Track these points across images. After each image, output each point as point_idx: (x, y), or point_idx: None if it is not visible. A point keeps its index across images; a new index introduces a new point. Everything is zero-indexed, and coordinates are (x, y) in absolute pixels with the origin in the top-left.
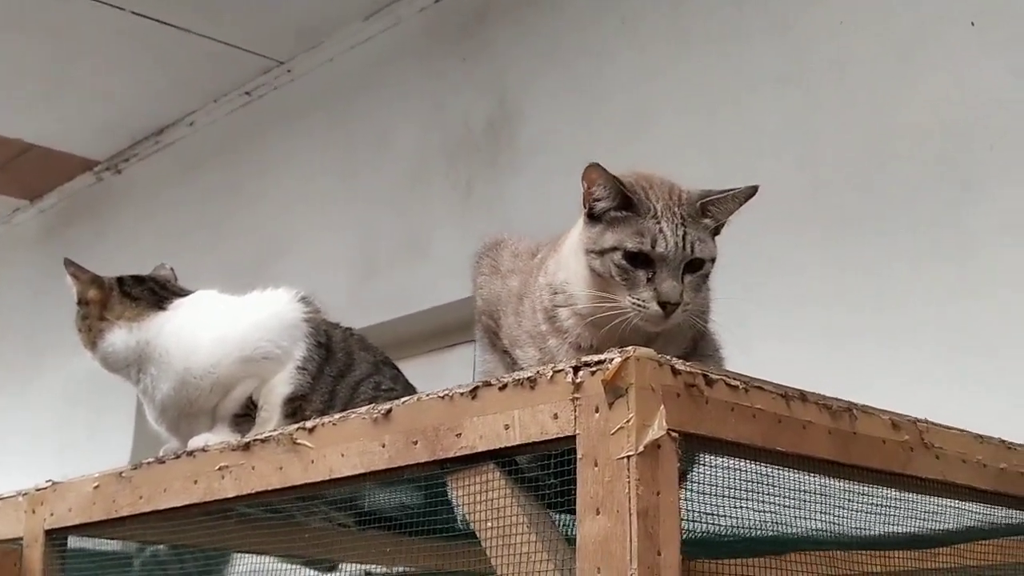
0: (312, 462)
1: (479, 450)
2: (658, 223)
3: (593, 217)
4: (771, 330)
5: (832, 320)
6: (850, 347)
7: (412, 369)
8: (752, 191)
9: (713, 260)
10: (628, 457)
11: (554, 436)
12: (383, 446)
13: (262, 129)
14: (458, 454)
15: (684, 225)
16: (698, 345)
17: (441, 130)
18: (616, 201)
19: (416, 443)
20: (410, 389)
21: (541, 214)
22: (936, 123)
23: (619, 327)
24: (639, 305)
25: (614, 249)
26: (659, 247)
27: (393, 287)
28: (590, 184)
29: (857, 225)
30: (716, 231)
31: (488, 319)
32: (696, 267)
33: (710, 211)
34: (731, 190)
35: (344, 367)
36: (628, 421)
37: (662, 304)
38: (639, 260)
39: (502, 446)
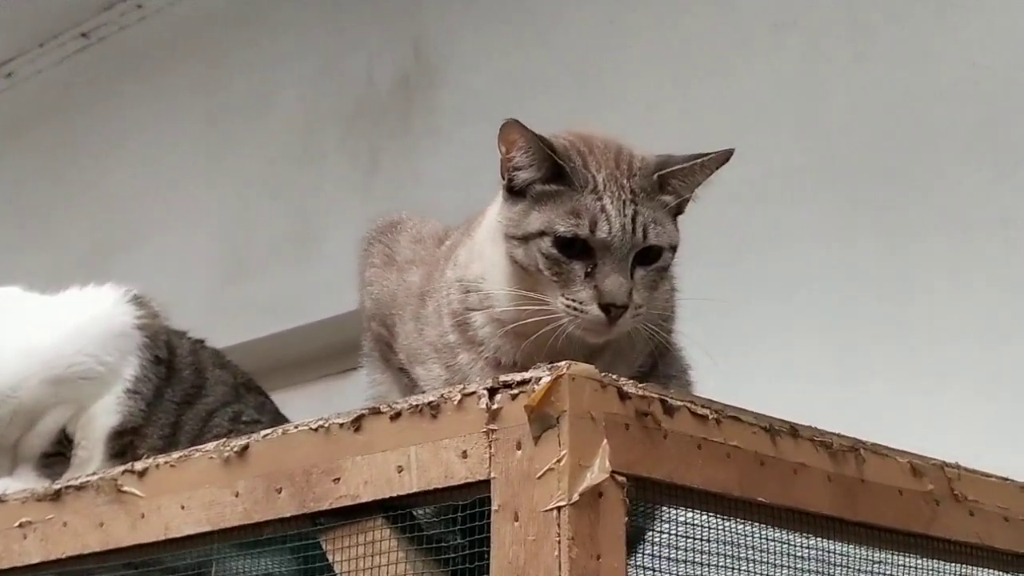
0: (143, 516)
1: (364, 500)
2: (599, 199)
3: (514, 192)
4: (759, 346)
5: (839, 336)
6: (861, 371)
7: (298, 401)
8: (725, 156)
9: (674, 249)
10: (559, 508)
11: (462, 481)
12: (237, 495)
13: (103, 84)
14: (336, 505)
15: (635, 202)
16: (658, 363)
17: (338, 88)
18: (543, 171)
19: (280, 491)
20: (282, 423)
21: (466, 195)
22: (974, 81)
23: (550, 337)
24: (575, 308)
25: (541, 234)
26: (600, 231)
27: (272, 292)
28: (508, 147)
29: (873, 215)
30: (678, 210)
31: (379, 326)
32: (651, 258)
33: (671, 184)
34: (698, 156)
35: (192, 391)
36: (559, 460)
37: (605, 306)
38: (574, 249)
39: (394, 494)
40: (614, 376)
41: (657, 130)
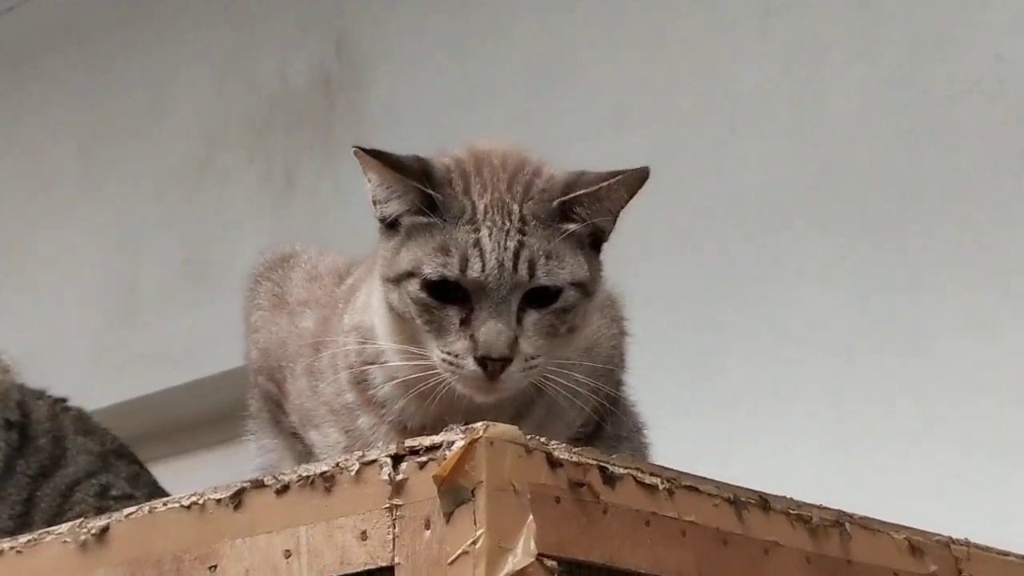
0: None
1: None
2: (475, 231)
3: (391, 226)
4: (741, 406)
5: (837, 394)
6: (864, 436)
7: (199, 470)
8: (640, 176)
9: (581, 286)
10: None
11: (361, 568)
12: None
13: None
14: None
15: (522, 232)
16: (606, 421)
17: (244, 92)
18: (409, 201)
19: None
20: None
21: None
22: (999, 79)
23: (449, 400)
24: (450, 363)
25: (409, 275)
26: (472, 270)
27: (164, 339)
28: (368, 178)
29: (881, 242)
30: (594, 239)
31: (267, 381)
32: (545, 299)
33: (575, 211)
34: (609, 176)
35: (50, 461)
36: (475, 542)
37: (482, 360)
38: (447, 291)
39: None
40: (542, 439)
41: (626, 137)
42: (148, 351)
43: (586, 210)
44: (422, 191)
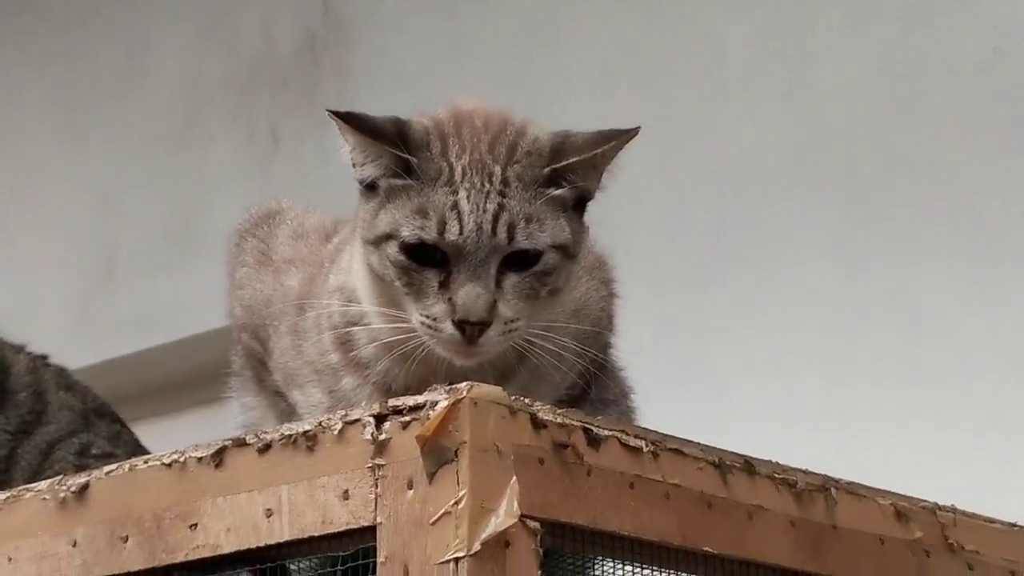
0: None
1: (225, 550)
2: (453, 193)
3: (370, 188)
4: (737, 377)
5: (831, 365)
6: (858, 407)
7: (177, 432)
8: (629, 136)
9: (562, 248)
10: (456, 560)
11: (343, 527)
12: (74, 544)
13: None
14: (192, 557)
15: (503, 195)
16: (592, 385)
17: (227, 51)
18: (385, 164)
19: (126, 539)
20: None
21: None
22: (995, 50)
23: (431, 362)
24: (429, 326)
25: (388, 237)
26: (450, 233)
27: (145, 301)
28: (344, 140)
29: (875, 214)
30: (578, 200)
31: (251, 339)
32: (525, 261)
33: (565, 176)
34: (599, 138)
35: (30, 417)
36: (458, 503)
37: (460, 323)
38: (425, 254)
39: (262, 544)
40: (526, 400)
41: (614, 101)
42: (129, 312)
43: (575, 175)
44: (397, 155)
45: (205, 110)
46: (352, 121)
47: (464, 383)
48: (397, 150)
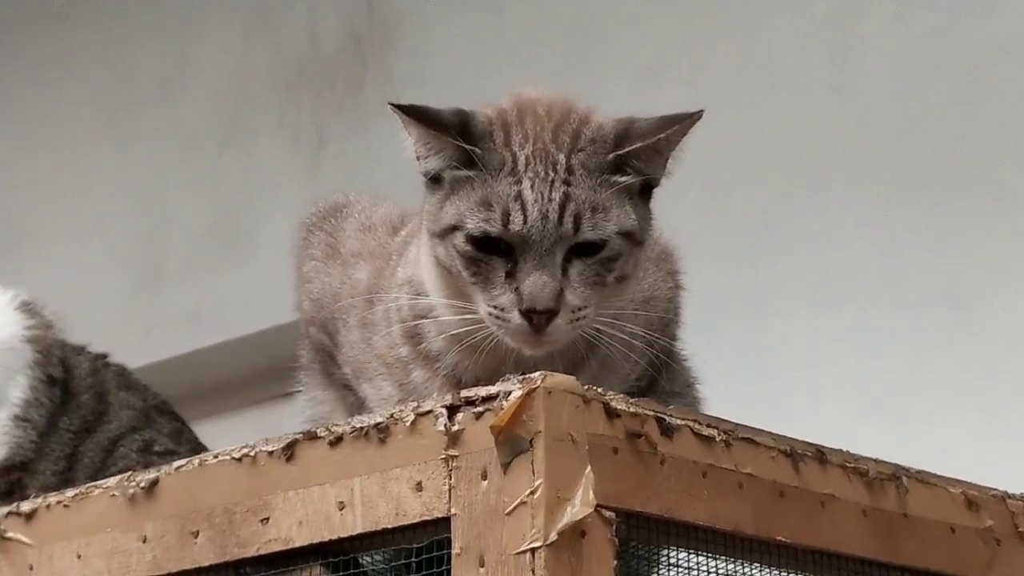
0: (31, 568)
1: (297, 544)
2: (517, 183)
3: (434, 180)
4: (789, 365)
5: (885, 353)
6: (913, 395)
7: (228, 431)
8: (694, 120)
9: (629, 235)
10: (533, 551)
11: (417, 519)
12: (144, 540)
13: None
14: (264, 551)
15: (568, 183)
16: (660, 375)
17: (273, 51)
18: (448, 155)
19: (197, 534)
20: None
21: None
22: None
23: (500, 353)
24: (496, 316)
25: (454, 229)
26: (514, 223)
27: (194, 301)
28: (407, 134)
29: (926, 202)
30: (645, 187)
31: (320, 332)
32: (592, 248)
33: (630, 163)
34: (663, 123)
35: (93, 417)
36: (533, 493)
37: (527, 313)
38: (491, 245)
39: (334, 537)
40: (599, 390)
41: (660, 97)
42: (177, 313)
43: (641, 162)
44: (460, 146)
45: (250, 110)
46: (414, 114)
47: (537, 373)
48: (460, 141)
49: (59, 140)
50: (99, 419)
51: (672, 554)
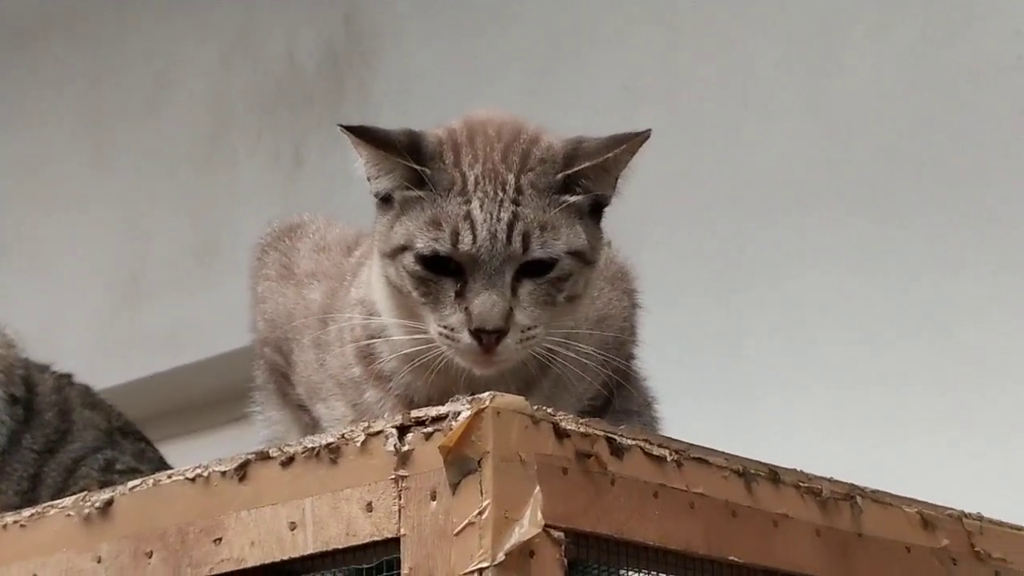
0: None
1: (250, 564)
2: (467, 203)
3: (385, 200)
4: (762, 389)
5: (859, 377)
6: (887, 419)
7: (205, 450)
8: (642, 139)
9: (579, 254)
10: (481, 571)
11: (367, 539)
12: (99, 560)
13: None
14: (217, 571)
15: (516, 203)
16: (614, 394)
17: (251, 70)
18: (398, 176)
19: (151, 555)
20: None
21: None
22: (1017, 53)
23: (451, 373)
24: (446, 336)
25: (404, 249)
26: (463, 243)
27: (171, 319)
28: (356, 154)
29: (903, 226)
30: (596, 204)
31: (274, 352)
32: (541, 268)
33: (579, 182)
34: (610, 143)
35: (56, 436)
36: (481, 513)
37: (476, 332)
38: (441, 264)
39: (286, 557)
40: (548, 410)
41: (637, 116)
42: (155, 331)
43: (590, 181)
44: (410, 167)
45: (229, 129)
46: (363, 135)
47: (486, 393)
48: (409, 162)
49: (39, 159)
50: (62, 438)
51: (624, 574)
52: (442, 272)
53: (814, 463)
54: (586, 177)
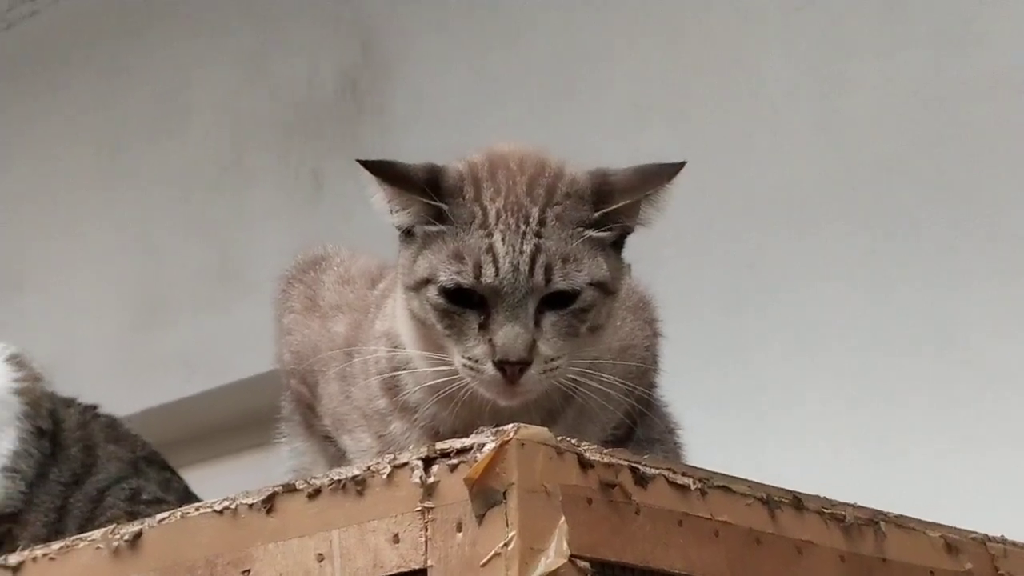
0: None
1: None
2: (488, 236)
3: (407, 234)
4: (770, 406)
5: (867, 393)
6: (894, 435)
7: (225, 477)
8: (675, 170)
9: (602, 285)
10: None
11: (394, 571)
12: None
13: None
14: None
15: (539, 235)
16: (638, 423)
17: (270, 91)
18: (418, 210)
19: None
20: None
21: None
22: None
23: (475, 404)
24: (470, 368)
25: (427, 282)
26: (486, 276)
27: (189, 345)
28: (374, 189)
29: (911, 240)
30: (620, 238)
31: (300, 384)
32: (564, 299)
33: (614, 217)
34: (643, 176)
35: (82, 469)
36: (507, 544)
37: (500, 364)
38: (464, 297)
39: None
40: (572, 440)
41: (649, 133)
42: (173, 356)
43: (620, 215)
44: (428, 203)
45: (247, 153)
46: (381, 172)
47: (511, 424)
48: (427, 198)
49: (56, 183)
50: (88, 471)
51: None
52: (465, 304)
53: (825, 479)
54: (619, 213)
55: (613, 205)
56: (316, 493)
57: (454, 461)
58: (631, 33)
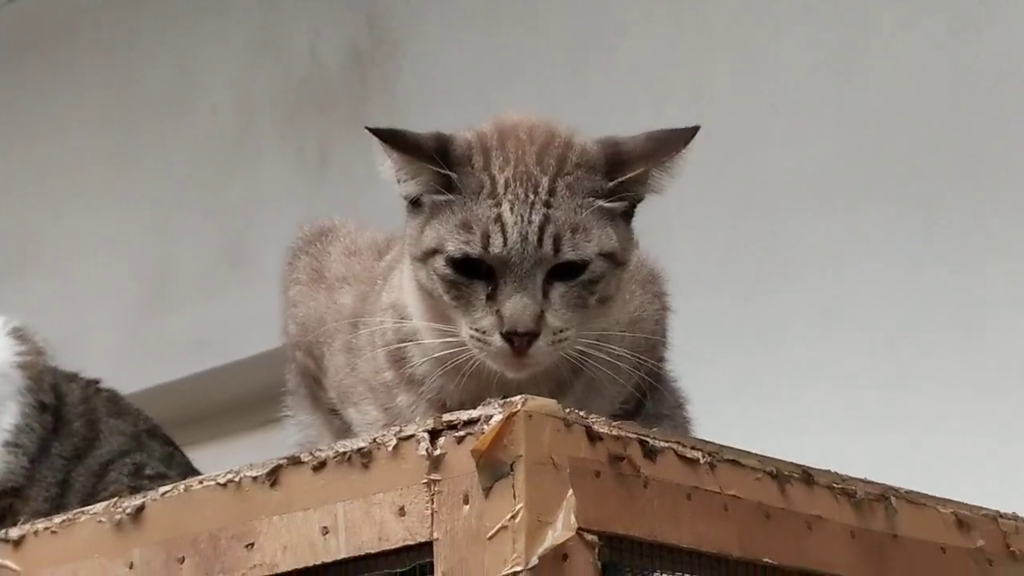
0: None
1: (283, 569)
2: (496, 206)
3: (415, 204)
4: (789, 389)
5: (887, 377)
6: (915, 419)
7: (234, 454)
8: (688, 136)
9: (611, 255)
10: (514, 575)
11: (400, 544)
12: (131, 567)
13: None
14: None
15: (548, 205)
16: (647, 397)
17: (275, 70)
18: (426, 180)
19: (183, 560)
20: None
21: None
22: None
23: (483, 376)
24: (478, 339)
25: (434, 252)
26: (494, 246)
27: (198, 323)
28: (382, 158)
29: (932, 222)
30: (629, 207)
31: (305, 356)
32: (573, 270)
33: (627, 186)
34: (656, 143)
35: (84, 444)
36: (514, 517)
37: (508, 335)
38: (472, 267)
39: (319, 562)
40: (581, 413)
41: (664, 112)
42: (182, 335)
43: (632, 184)
44: (438, 171)
45: (254, 131)
46: (391, 139)
47: (518, 396)
48: (436, 167)
49: (63, 163)
50: (90, 445)
51: None
52: (473, 275)
53: (845, 461)
54: (631, 182)
55: (627, 174)
56: (321, 466)
57: (461, 433)
58: (646, 11)
